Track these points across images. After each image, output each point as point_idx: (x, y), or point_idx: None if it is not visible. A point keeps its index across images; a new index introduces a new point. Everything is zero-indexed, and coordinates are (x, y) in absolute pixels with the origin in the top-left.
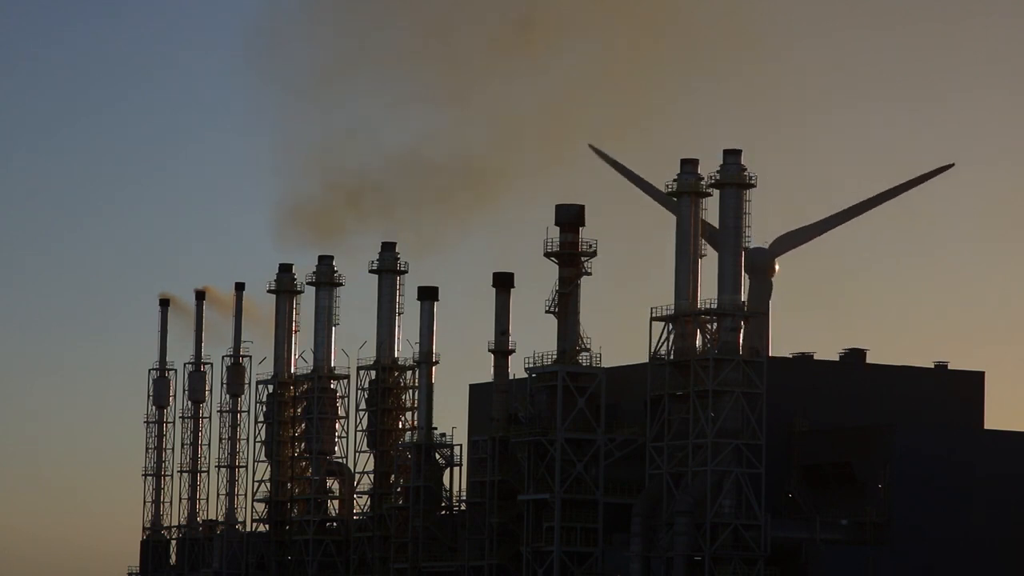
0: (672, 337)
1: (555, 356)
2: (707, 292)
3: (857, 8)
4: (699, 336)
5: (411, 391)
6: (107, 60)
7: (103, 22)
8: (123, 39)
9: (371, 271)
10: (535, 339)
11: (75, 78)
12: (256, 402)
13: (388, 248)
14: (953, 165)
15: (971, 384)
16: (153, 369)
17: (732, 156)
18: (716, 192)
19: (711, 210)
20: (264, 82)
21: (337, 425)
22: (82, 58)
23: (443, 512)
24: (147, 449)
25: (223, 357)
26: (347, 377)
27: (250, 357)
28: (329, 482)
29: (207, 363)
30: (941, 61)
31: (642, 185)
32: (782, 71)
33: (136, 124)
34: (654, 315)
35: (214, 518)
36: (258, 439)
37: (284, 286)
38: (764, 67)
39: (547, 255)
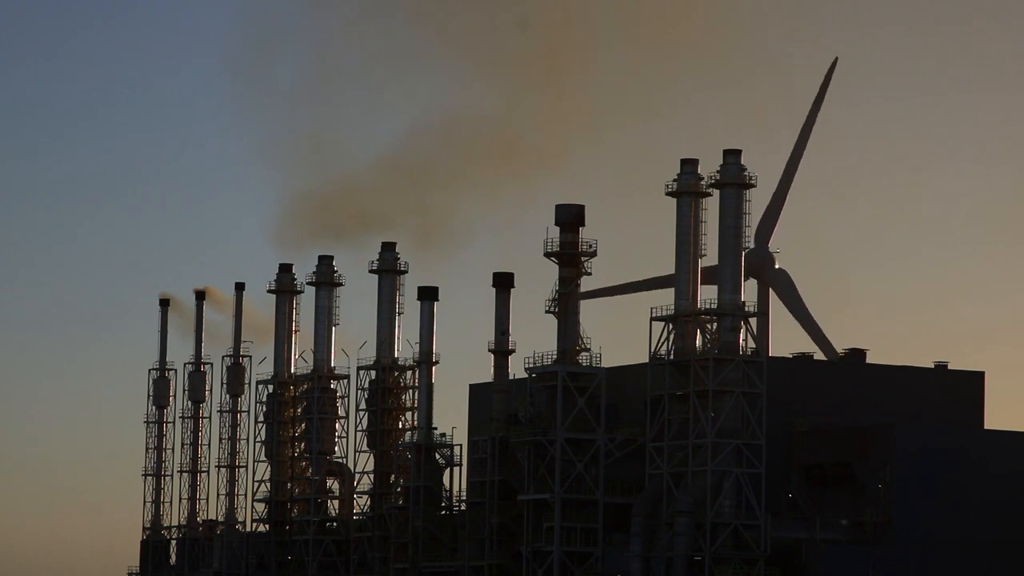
0: (672, 337)
1: (555, 356)
2: (707, 292)
3: (857, 8)
4: (699, 336)
5: (411, 391)
6: (107, 61)
7: (104, 23)
8: (123, 39)
9: (371, 271)
10: (535, 339)
11: (75, 79)
12: (256, 402)
13: (388, 248)
14: (837, 58)
15: (971, 384)
16: (153, 369)
17: (732, 156)
18: (716, 192)
19: (711, 211)
20: (264, 82)
21: (337, 425)
22: (82, 59)
23: (443, 512)
24: (147, 449)
25: (223, 357)
26: (347, 377)
27: (250, 357)
28: (329, 482)
29: (207, 363)
30: (942, 60)
31: (643, 286)
32: (782, 71)
33: (136, 125)
34: (654, 315)
35: (214, 518)
36: (258, 439)
37: (284, 286)
38: (764, 67)
39: (547, 255)
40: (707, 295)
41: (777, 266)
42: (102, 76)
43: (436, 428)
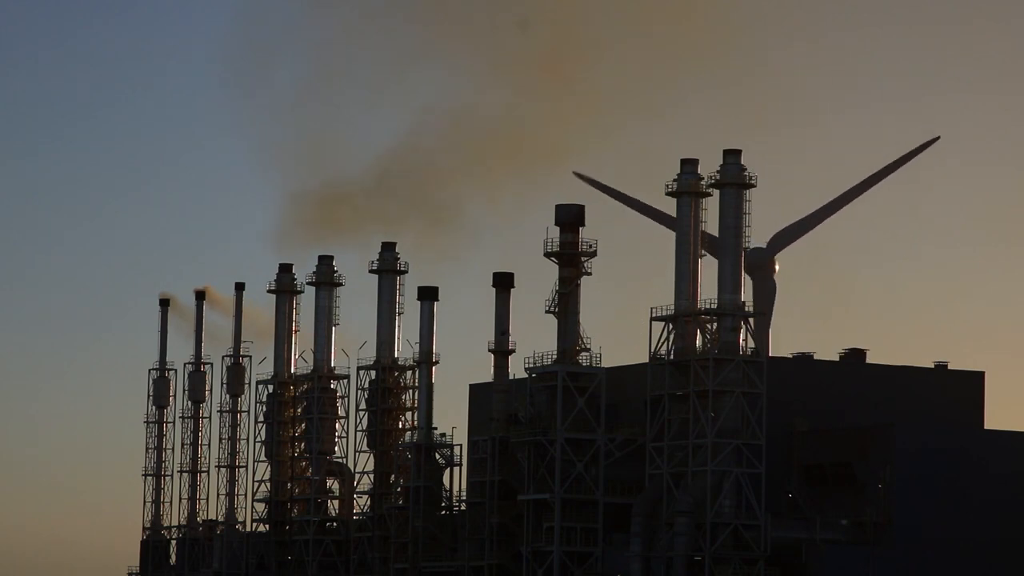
0: (672, 337)
1: (555, 356)
2: (707, 292)
3: (857, 8)
4: (699, 336)
5: (411, 391)
6: (107, 61)
7: (104, 23)
8: (123, 39)
9: (371, 271)
10: (535, 339)
11: (75, 79)
12: (256, 402)
13: (388, 248)
14: (939, 138)
15: (971, 384)
16: (153, 369)
17: (732, 156)
18: (716, 192)
19: (711, 210)
20: (263, 83)
21: (337, 425)
22: (82, 59)
23: (443, 512)
24: (147, 449)
25: (223, 357)
26: (347, 377)
27: (250, 357)
28: (329, 482)
29: (207, 363)
30: (942, 61)
31: (632, 203)
32: (781, 71)
33: (136, 124)
34: (654, 315)
35: (214, 518)
36: (258, 439)
37: (284, 286)
38: (764, 67)
39: (547, 255)
40: (709, 270)
41: (777, 270)
42: (102, 76)
43: (436, 428)
